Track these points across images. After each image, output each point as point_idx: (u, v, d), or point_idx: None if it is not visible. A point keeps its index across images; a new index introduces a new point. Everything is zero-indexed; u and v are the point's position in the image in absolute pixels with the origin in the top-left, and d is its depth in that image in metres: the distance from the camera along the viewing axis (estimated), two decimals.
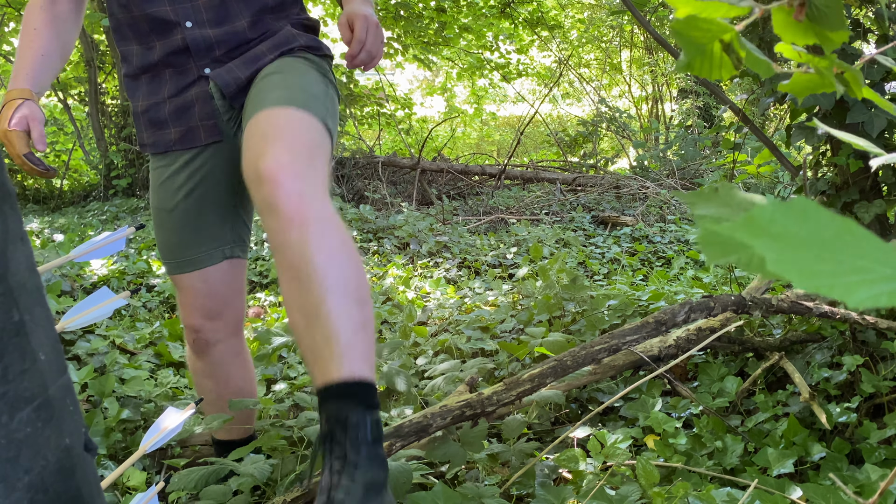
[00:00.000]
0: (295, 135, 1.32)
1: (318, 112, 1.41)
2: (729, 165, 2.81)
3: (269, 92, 1.44)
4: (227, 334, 1.76)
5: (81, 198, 9.50)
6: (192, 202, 1.65)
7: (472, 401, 1.78)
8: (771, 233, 0.31)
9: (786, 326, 2.33)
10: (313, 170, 1.27)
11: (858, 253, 0.31)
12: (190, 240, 1.66)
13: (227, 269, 1.69)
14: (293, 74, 1.50)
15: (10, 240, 0.36)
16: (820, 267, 0.30)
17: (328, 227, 1.21)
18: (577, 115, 12.24)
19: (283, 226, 1.20)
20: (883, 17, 2.06)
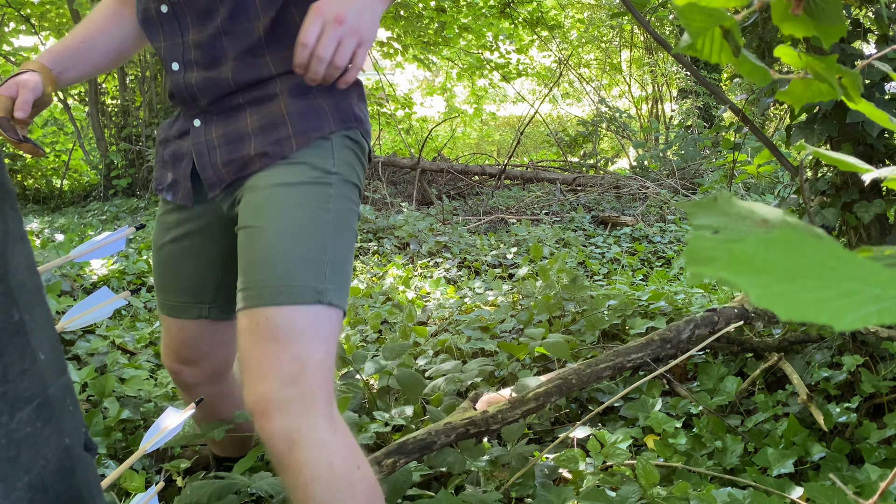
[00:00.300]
0: (281, 350, 1.19)
1: (311, 283, 1.23)
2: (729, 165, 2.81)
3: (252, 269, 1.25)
4: (206, 380, 1.68)
5: (81, 198, 9.51)
6: (177, 249, 1.53)
7: (476, 419, 1.78)
8: (755, 268, 0.31)
9: (785, 326, 2.33)
10: (303, 392, 1.18)
11: (845, 276, 0.31)
12: (169, 285, 1.57)
13: (204, 325, 1.58)
14: (280, 225, 1.26)
15: (10, 240, 0.36)
16: (805, 295, 0.30)
17: (322, 471, 1.16)
18: (577, 115, 12.24)
19: (279, 468, 1.19)
20: (883, 17, 2.06)
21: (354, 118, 1.38)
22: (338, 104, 1.36)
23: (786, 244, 0.32)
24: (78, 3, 8.23)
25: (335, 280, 1.26)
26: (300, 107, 1.32)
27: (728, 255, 0.32)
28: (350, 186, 1.35)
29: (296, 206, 1.27)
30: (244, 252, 1.28)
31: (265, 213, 1.27)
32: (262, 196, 1.29)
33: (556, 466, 1.74)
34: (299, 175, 1.29)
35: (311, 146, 1.31)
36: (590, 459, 1.73)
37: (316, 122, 1.32)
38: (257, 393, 1.18)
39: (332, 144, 1.33)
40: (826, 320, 0.29)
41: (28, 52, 9.12)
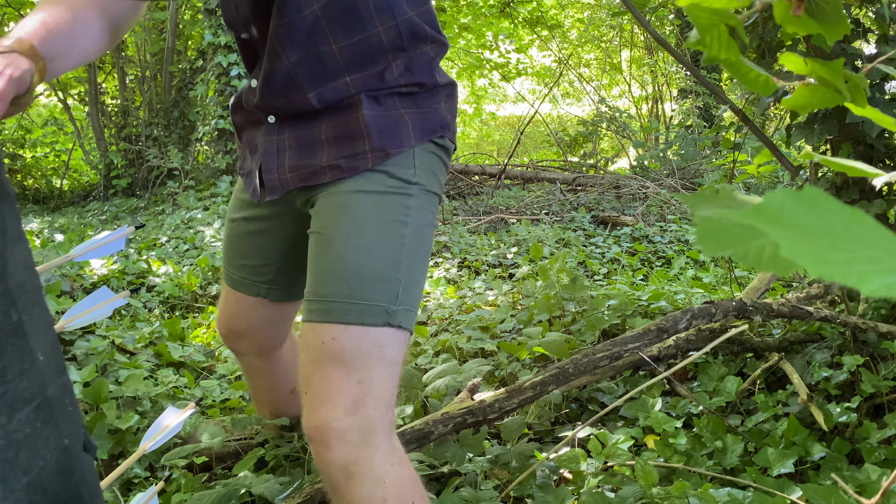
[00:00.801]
0: (345, 374, 1.15)
1: (382, 302, 1.17)
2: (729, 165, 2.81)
3: (321, 280, 1.20)
4: (252, 352, 1.71)
5: (81, 198, 9.50)
6: (246, 228, 1.52)
7: (473, 408, 1.78)
8: (782, 221, 0.31)
9: (785, 326, 2.33)
10: (363, 422, 1.14)
11: (869, 243, 0.31)
12: (233, 259, 1.57)
13: (260, 303, 1.58)
14: (353, 236, 1.19)
15: (9, 240, 0.36)
16: (832, 255, 0.30)
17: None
18: (577, 115, 12.24)
19: (333, 495, 1.18)
20: (883, 17, 2.06)
21: (440, 125, 1.30)
22: (422, 114, 1.27)
23: (813, 200, 0.32)
24: None
25: (406, 301, 1.21)
26: (380, 119, 1.23)
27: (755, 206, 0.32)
28: (430, 197, 1.28)
29: (371, 216, 1.20)
30: (314, 260, 1.23)
31: (338, 222, 1.21)
32: (337, 202, 1.23)
33: (557, 467, 1.74)
34: (377, 184, 1.22)
35: (387, 164, 1.23)
36: (590, 459, 1.73)
37: (396, 139, 1.23)
38: (318, 419, 1.14)
39: (413, 152, 1.25)
40: (852, 283, 0.29)
41: None
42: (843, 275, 0.29)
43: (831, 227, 0.31)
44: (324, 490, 1.57)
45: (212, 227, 5.10)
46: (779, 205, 0.31)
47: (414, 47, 1.25)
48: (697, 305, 2.17)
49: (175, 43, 8.90)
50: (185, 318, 3.43)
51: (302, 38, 1.21)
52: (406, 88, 1.26)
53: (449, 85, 1.34)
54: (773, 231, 0.30)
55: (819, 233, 0.31)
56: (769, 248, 0.38)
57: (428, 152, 1.28)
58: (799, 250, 0.29)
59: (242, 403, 2.28)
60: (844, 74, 0.65)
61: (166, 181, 8.31)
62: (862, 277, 0.29)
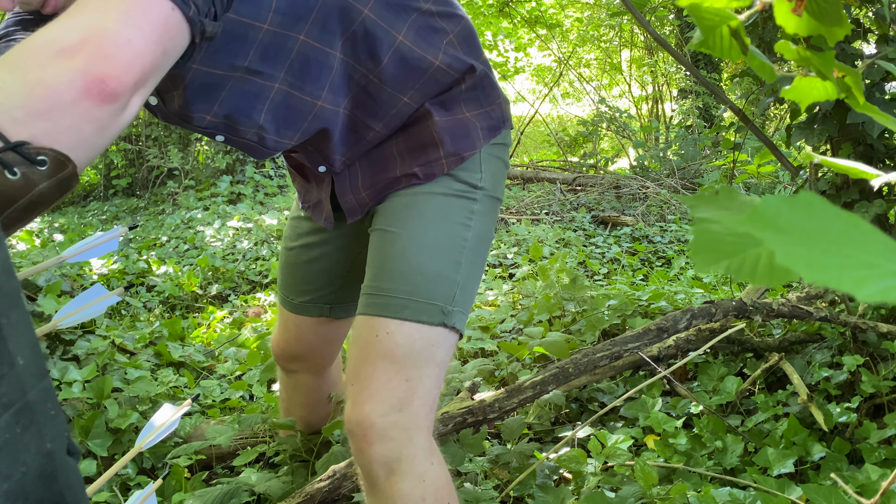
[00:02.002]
0: (395, 371, 1.15)
1: (439, 301, 1.18)
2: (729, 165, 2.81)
3: (381, 275, 1.20)
4: (306, 370, 1.72)
5: (81, 198, 9.50)
6: (305, 255, 1.52)
7: (473, 407, 1.78)
8: (777, 226, 0.31)
9: (785, 326, 2.33)
10: (408, 420, 1.14)
11: (865, 248, 0.30)
12: (294, 285, 1.57)
13: (322, 323, 1.59)
14: (417, 235, 1.20)
15: None
16: (828, 260, 0.30)
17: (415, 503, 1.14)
18: (577, 115, 12.23)
19: (371, 491, 1.17)
20: (884, 17, 2.05)
21: (502, 119, 1.30)
22: (487, 114, 1.27)
23: (809, 206, 0.31)
24: None
25: (462, 303, 1.21)
26: (450, 125, 1.23)
27: (750, 212, 0.31)
28: (494, 202, 1.29)
29: (436, 217, 1.21)
30: (375, 255, 1.23)
31: (403, 220, 1.21)
32: (403, 202, 1.23)
33: (557, 467, 1.74)
34: (444, 186, 1.23)
35: (459, 171, 1.24)
36: (590, 459, 1.73)
37: (467, 142, 1.23)
38: (363, 413, 1.14)
39: (480, 156, 1.26)
40: (847, 288, 0.29)
41: None
42: (839, 280, 0.29)
43: (827, 232, 0.31)
44: (324, 490, 1.57)
45: (212, 227, 5.10)
46: (774, 210, 0.31)
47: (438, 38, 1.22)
48: (697, 305, 2.16)
49: None
50: (185, 318, 3.43)
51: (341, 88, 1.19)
52: (465, 84, 1.25)
53: (491, 70, 1.33)
54: (768, 237, 0.30)
55: (815, 238, 0.30)
56: (764, 259, 0.38)
57: (492, 156, 1.28)
58: (794, 256, 0.29)
59: (242, 403, 2.28)
60: (839, 67, 0.65)
61: (166, 181, 8.31)
62: (857, 283, 0.29)
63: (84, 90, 0.74)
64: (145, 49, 0.79)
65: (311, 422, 1.84)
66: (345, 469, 1.58)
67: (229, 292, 3.89)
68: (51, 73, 0.73)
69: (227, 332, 3.03)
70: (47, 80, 0.72)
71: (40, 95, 0.72)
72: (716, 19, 0.64)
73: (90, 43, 0.76)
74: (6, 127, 0.70)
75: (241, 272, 4.14)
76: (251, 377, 2.44)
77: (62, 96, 0.73)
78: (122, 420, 1.93)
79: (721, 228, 0.38)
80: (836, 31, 0.65)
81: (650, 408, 1.95)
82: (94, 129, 0.77)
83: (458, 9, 1.27)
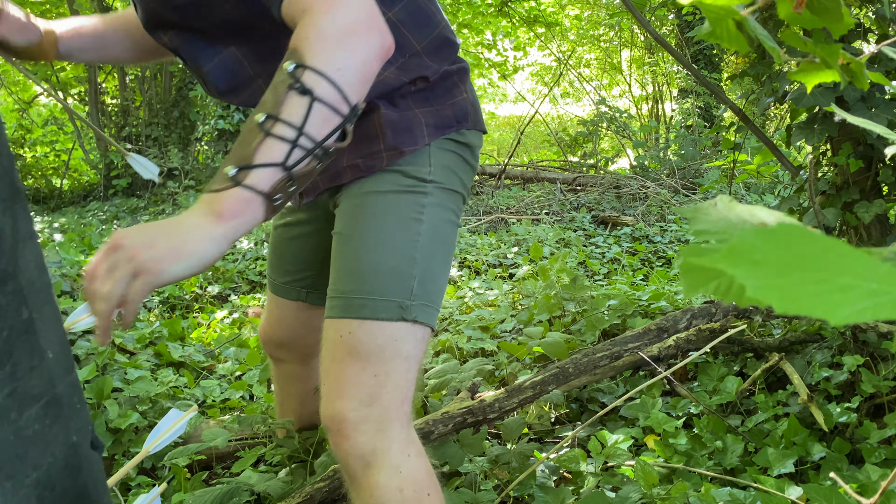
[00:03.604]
0: (361, 368, 1.18)
1: (396, 297, 1.20)
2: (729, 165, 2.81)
3: (340, 278, 1.24)
4: (292, 359, 1.75)
5: (81, 197, 9.51)
6: (286, 233, 1.58)
7: (473, 408, 1.78)
8: (753, 260, 0.31)
9: (786, 326, 2.33)
10: (379, 413, 1.17)
11: (842, 270, 0.31)
12: (277, 265, 1.62)
13: (301, 308, 1.62)
14: (368, 235, 1.23)
15: (20, 238, 0.36)
16: (802, 289, 0.30)
17: (391, 495, 1.16)
18: (577, 115, 12.24)
19: (350, 486, 1.20)
20: (884, 17, 2.06)
21: (457, 120, 1.31)
22: (436, 112, 1.29)
23: (784, 237, 0.32)
24: (78, 4, 8.23)
25: (422, 296, 1.23)
26: (393, 118, 1.25)
27: (727, 248, 0.32)
28: (449, 194, 1.30)
29: (385, 215, 1.23)
30: (335, 259, 1.27)
31: (354, 222, 1.25)
32: (354, 204, 1.26)
33: (557, 467, 1.74)
34: (391, 183, 1.25)
35: (405, 165, 1.25)
36: (590, 459, 1.73)
37: (408, 137, 1.25)
38: (335, 409, 1.18)
39: (429, 150, 1.27)
40: (821, 314, 0.29)
41: None
42: (812, 308, 0.29)
43: (804, 261, 0.31)
44: (324, 490, 1.57)
45: None
46: (750, 244, 0.32)
47: (400, 51, 1.25)
48: (697, 305, 2.17)
49: None
50: (185, 318, 3.43)
51: None
52: (415, 87, 1.27)
53: (461, 71, 1.35)
54: (741, 273, 0.31)
55: (791, 268, 0.31)
56: None
57: (445, 150, 1.30)
58: (765, 289, 0.30)
59: (242, 403, 2.28)
60: (843, 56, 0.66)
61: (166, 181, 8.31)
62: (831, 308, 0.29)
63: (381, 56, 0.97)
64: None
65: (303, 415, 1.86)
66: None
67: (229, 292, 3.89)
68: (369, 52, 0.96)
69: (227, 332, 3.03)
70: (369, 58, 0.96)
71: (367, 71, 0.96)
72: (721, 13, 0.65)
73: (373, 19, 0.97)
74: (353, 99, 0.96)
75: (241, 272, 4.14)
76: (251, 377, 2.44)
77: (374, 66, 0.97)
78: (123, 420, 1.94)
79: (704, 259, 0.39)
80: (837, 27, 0.66)
81: (650, 408, 1.96)
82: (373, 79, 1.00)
83: (434, 15, 1.30)
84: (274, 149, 0.91)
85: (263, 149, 0.91)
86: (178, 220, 0.90)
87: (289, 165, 0.92)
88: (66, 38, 1.34)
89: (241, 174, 0.90)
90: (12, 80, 10.63)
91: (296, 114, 0.92)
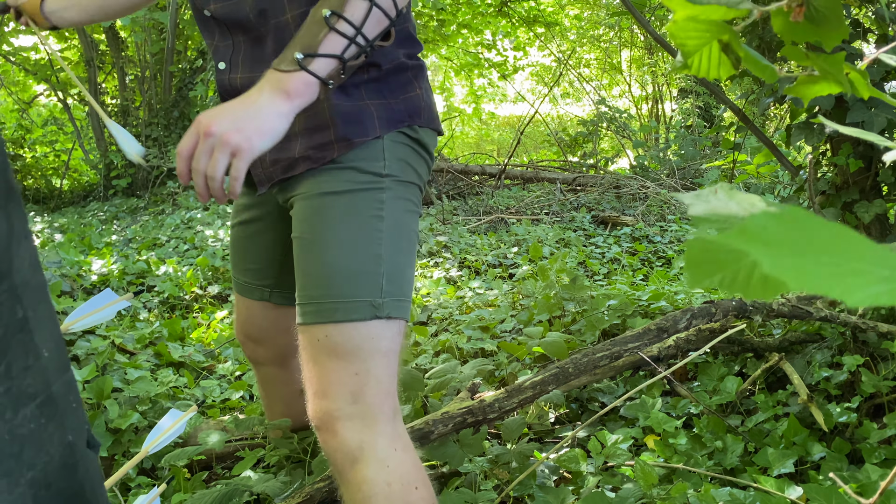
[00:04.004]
0: (341, 367, 1.19)
1: (366, 297, 1.20)
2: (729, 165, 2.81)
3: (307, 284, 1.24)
4: (270, 361, 1.74)
5: (81, 198, 9.50)
6: (243, 232, 1.58)
7: (473, 408, 1.78)
8: (764, 241, 0.31)
9: (786, 326, 2.33)
10: (364, 409, 1.18)
11: (854, 256, 0.31)
12: (237, 264, 1.62)
13: (267, 308, 1.62)
14: (331, 238, 1.23)
15: (15, 237, 0.37)
16: (817, 269, 0.30)
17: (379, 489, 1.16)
18: (577, 115, 12.24)
19: (339, 481, 1.21)
20: (883, 17, 2.06)
21: (409, 114, 1.30)
22: (388, 105, 1.28)
23: (795, 220, 0.32)
24: None
25: (393, 291, 1.23)
26: (345, 109, 1.24)
27: (738, 228, 0.32)
28: (406, 186, 1.29)
29: (345, 216, 1.23)
30: (299, 264, 1.27)
31: (315, 225, 1.24)
32: (312, 206, 1.26)
33: (557, 467, 1.74)
34: (347, 182, 1.24)
35: (360, 147, 1.25)
36: (590, 459, 1.73)
37: (359, 128, 1.25)
38: (321, 409, 1.19)
39: (382, 144, 1.27)
40: (837, 294, 0.29)
41: (28, 51, 9.11)
42: (829, 287, 0.29)
43: (815, 244, 0.31)
44: (324, 490, 1.57)
45: (212, 227, 5.10)
46: (760, 225, 0.32)
47: None
48: (697, 305, 2.17)
49: (175, 43, 8.90)
50: (185, 318, 3.43)
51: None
52: (367, 75, 1.26)
53: (417, 68, 1.34)
54: (756, 250, 0.31)
55: (803, 249, 0.31)
56: (757, 272, 0.38)
57: (399, 143, 1.29)
58: (783, 267, 0.30)
59: (242, 403, 2.28)
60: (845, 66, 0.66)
61: (166, 181, 8.31)
62: (847, 289, 0.29)
63: None
64: None
65: (289, 416, 1.85)
66: None
67: (229, 292, 3.89)
68: None
69: (227, 332, 3.03)
70: None
71: None
72: (703, 37, 0.64)
73: None
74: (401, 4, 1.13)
75: None
76: (251, 377, 2.44)
77: None
78: (122, 420, 1.94)
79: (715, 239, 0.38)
80: (835, 36, 0.65)
81: (650, 408, 1.96)
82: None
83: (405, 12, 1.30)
84: (336, 42, 1.05)
85: (327, 42, 1.05)
86: (253, 101, 1.05)
87: (346, 58, 1.07)
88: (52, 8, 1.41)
89: (306, 60, 1.05)
90: (12, 80, 10.63)
91: (357, 15, 1.06)
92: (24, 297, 0.37)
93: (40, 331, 0.39)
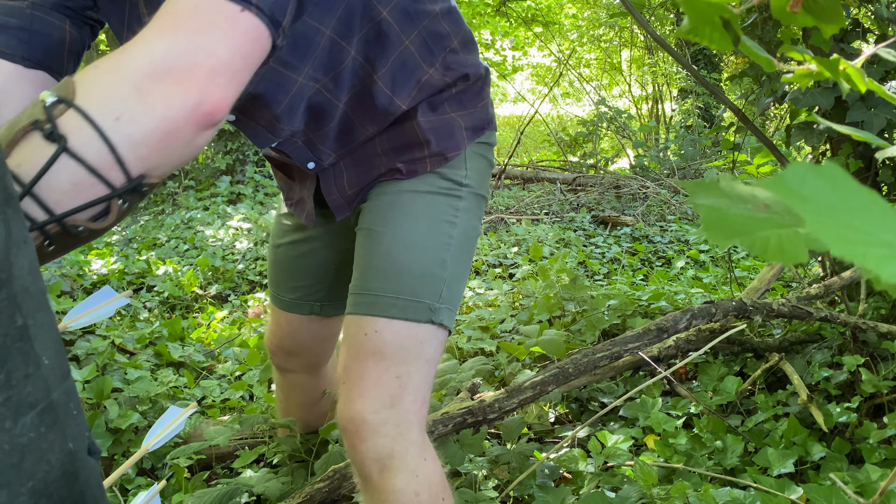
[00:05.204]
0: (384, 368, 1.16)
1: (426, 299, 1.18)
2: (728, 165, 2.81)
3: (367, 274, 1.21)
4: (300, 369, 1.73)
5: None
6: (293, 251, 1.54)
7: (473, 408, 1.78)
8: (801, 194, 0.30)
9: (786, 326, 2.33)
10: (399, 416, 1.15)
11: (885, 226, 0.30)
12: (283, 283, 1.58)
13: (313, 321, 1.60)
14: (402, 234, 1.20)
15: (14, 243, 0.36)
16: (852, 235, 0.29)
17: (407, 499, 1.14)
18: (577, 115, 12.24)
19: (364, 488, 1.18)
20: (883, 17, 2.06)
21: (486, 121, 1.30)
22: (470, 114, 1.27)
23: (832, 177, 0.31)
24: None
25: (449, 300, 1.21)
26: (435, 125, 1.23)
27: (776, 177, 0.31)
28: (479, 200, 1.29)
29: (421, 216, 1.21)
30: (362, 254, 1.24)
31: (389, 219, 1.22)
32: (388, 200, 1.23)
33: (557, 467, 1.74)
34: (429, 184, 1.23)
35: (443, 167, 1.23)
36: (590, 459, 1.73)
37: (452, 142, 1.23)
38: (354, 410, 1.15)
39: (465, 154, 1.26)
40: (871, 265, 0.29)
41: None
42: (863, 256, 0.28)
43: (850, 206, 0.30)
44: (324, 490, 1.57)
45: (212, 227, 5.10)
46: (800, 178, 0.31)
47: (440, 44, 1.23)
48: (697, 305, 2.17)
49: None
50: (185, 318, 3.43)
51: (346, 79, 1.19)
52: (455, 88, 1.25)
53: (486, 72, 1.33)
54: (796, 204, 0.30)
55: (838, 211, 0.30)
56: (774, 240, 0.37)
57: (477, 154, 1.29)
58: (822, 227, 0.29)
59: (242, 403, 2.28)
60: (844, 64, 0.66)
61: (166, 181, 8.31)
62: (881, 261, 0.29)
63: (197, 122, 0.73)
64: (242, 70, 0.78)
65: (308, 421, 1.85)
66: (344, 469, 1.59)
67: (229, 292, 3.89)
68: (174, 110, 0.71)
69: (227, 332, 3.03)
70: (174, 117, 0.71)
71: (164, 131, 0.71)
72: (708, 10, 0.64)
73: (199, 69, 0.73)
74: (131, 165, 0.69)
75: (241, 272, 4.14)
76: (251, 377, 2.44)
77: (183, 133, 0.72)
78: (122, 420, 1.94)
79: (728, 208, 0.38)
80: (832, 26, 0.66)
81: (650, 408, 1.96)
82: (189, 151, 0.75)
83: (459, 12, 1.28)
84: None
85: None
86: None
87: None
88: None
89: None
90: None
91: (27, 163, 0.65)
92: (23, 304, 0.37)
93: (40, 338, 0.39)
